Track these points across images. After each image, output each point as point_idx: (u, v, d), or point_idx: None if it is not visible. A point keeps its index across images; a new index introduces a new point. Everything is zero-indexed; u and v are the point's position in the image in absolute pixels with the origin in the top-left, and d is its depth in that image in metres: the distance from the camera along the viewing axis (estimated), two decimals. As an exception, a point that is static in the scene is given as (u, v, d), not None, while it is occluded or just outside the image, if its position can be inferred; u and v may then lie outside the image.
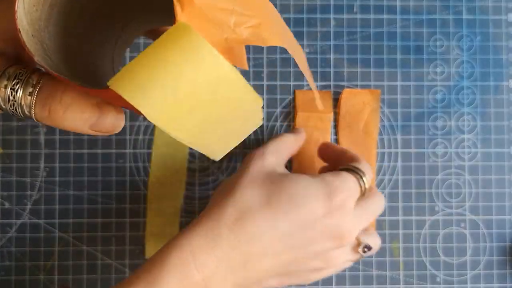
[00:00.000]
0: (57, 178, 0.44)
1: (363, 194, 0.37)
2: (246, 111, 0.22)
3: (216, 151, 0.24)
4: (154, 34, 0.33)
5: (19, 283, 0.44)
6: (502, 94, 0.46)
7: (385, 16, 0.46)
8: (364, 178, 0.36)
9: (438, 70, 0.46)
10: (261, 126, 0.45)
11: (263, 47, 0.46)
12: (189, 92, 0.19)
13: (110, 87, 0.19)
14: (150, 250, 0.44)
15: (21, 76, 0.23)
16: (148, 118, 0.19)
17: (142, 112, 0.19)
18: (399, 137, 0.46)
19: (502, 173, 0.46)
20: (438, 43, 0.46)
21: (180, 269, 0.31)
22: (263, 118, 0.23)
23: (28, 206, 0.44)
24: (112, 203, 0.45)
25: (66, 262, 0.44)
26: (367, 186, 0.36)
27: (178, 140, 0.20)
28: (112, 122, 0.24)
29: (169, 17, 0.20)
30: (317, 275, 0.36)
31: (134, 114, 0.44)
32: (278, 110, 0.46)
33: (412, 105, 0.46)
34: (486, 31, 0.47)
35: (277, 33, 0.22)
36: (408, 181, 0.46)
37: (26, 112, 0.24)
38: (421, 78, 0.46)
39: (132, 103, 0.18)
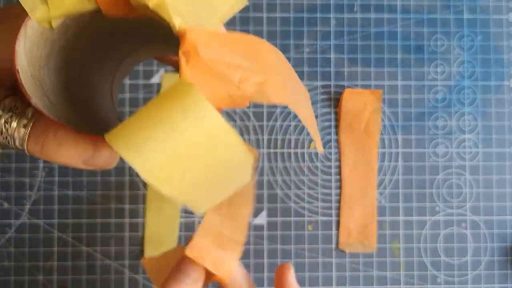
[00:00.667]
0: (56, 178, 0.44)
1: None
2: (238, 170, 0.22)
3: (202, 206, 0.23)
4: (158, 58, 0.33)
5: (18, 283, 0.44)
6: (503, 94, 0.46)
7: (385, 16, 0.46)
8: None
9: (439, 69, 0.46)
10: (261, 126, 0.45)
11: (263, 47, 0.46)
12: (185, 153, 0.19)
13: (106, 140, 0.19)
14: (149, 250, 0.44)
15: (16, 109, 0.23)
16: (140, 175, 0.19)
17: (134, 168, 0.19)
18: (399, 137, 0.46)
19: (503, 173, 0.46)
20: (438, 43, 0.46)
21: None
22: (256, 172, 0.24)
23: (27, 206, 0.44)
24: (111, 203, 0.44)
25: (65, 263, 0.44)
26: None
27: (167, 196, 0.20)
28: (106, 160, 0.23)
29: (171, 47, 0.20)
30: None
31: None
32: (278, 110, 0.46)
33: (412, 105, 0.46)
34: (487, 31, 0.47)
35: (283, 90, 0.22)
36: (408, 181, 0.46)
37: (18, 145, 0.23)
38: (421, 77, 0.46)
39: (125, 159, 0.18)
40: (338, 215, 0.45)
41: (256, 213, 0.45)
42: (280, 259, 0.45)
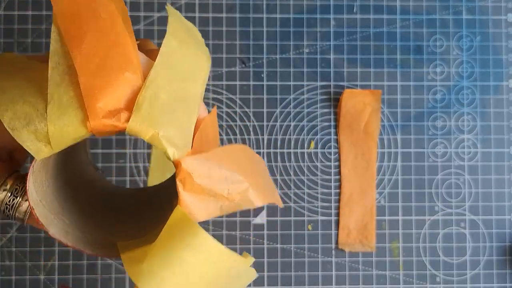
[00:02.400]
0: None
1: None
2: (241, 277, 0.26)
3: None
4: None
5: (19, 282, 0.44)
6: (501, 94, 0.47)
7: (385, 16, 0.46)
8: None
9: (438, 70, 0.46)
10: (262, 126, 0.46)
11: (263, 48, 0.46)
12: (194, 280, 0.23)
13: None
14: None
15: (20, 186, 0.26)
16: None
17: None
18: (399, 137, 0.46)
19: (501, 173, 0.46)
20: (438, 43, 0.47)
21: None
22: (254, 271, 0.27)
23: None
24: (112, 203, 0.45)
25: (66, 262, 0.44)
26: None
27: None
28: None
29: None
30: None
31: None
32: (278, 110, 0.46)
33: (412, 105, 0.46)
34: (486, 31, 0.47)
35: (262, 193, 0.25)
36: (408, 181, 0.46)
37: (19, 216, 0.26)
38: (421, 78, 0.46)
39: None
40: (337, 214, 0.46)
41: (256, 212, 0.45)
42: (280, 258, 0.45)
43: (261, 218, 0.45)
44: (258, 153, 0.46)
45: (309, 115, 0.46)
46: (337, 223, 0.45)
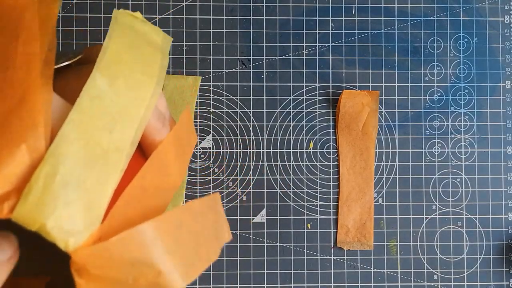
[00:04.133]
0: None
1: None
2: None
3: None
4: None
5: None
6: (498, 95, 0.47)
7: (383, 18, 0.47)
8: None
9: (436, 71, 0.47)
10: (262, 126, 0.46)
11: (263, 49, 0.46)
12: None
13: None
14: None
15: None
16: None
17: None
18: (396, 137, 0.46)
19: (498, 172, 0.46)
20: (435, 45, 0.47)
21: None
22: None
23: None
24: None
25: (69, 260, 0.44)
26: None
27: None
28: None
29: None
30: None
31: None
32: (278, 110, 0.46)
33: (409, 105, 0.47)
34: (483, 33, 0.47)
35: (183, 274, 0.22)
36: (405, 180, 0.46)
37: None
38: (418, 79, 0.47)
39: None
40: (336, 213, 0.46)
41: (256, 211, 0.45)
42: (280, 256, 0.45)
43: (261, 217, 0.45)
44: (258, 153, 0.46)
45: (309, 115, 0.46)
46: (336, 221, 0.46)
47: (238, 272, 0.45)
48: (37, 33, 0.20)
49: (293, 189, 0.46)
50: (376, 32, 0.47)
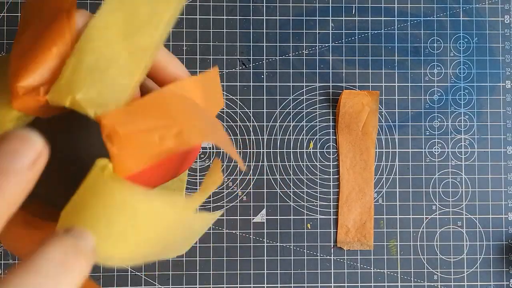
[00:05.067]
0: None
1: None
2: (193, 225, 0.25)
3: (172, 255, 0.26)
4: None
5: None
6: (498, 95, 0.47)
7: (383, 18, 0.47)
8: None
9: (436, 71, 0.47)
10: (262, 126, 0.46)
11: (263, 49, 0.46)
12: (140, 238, 0.22)
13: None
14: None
15: None
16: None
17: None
18: (396, 137, 0.46)
19: (498, 172, 0.46)
20: (435, 45, 0.47)
21: None
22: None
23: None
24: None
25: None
26: None
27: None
28: None
29: None
30: None
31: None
32: (278, 110, 0.46)
33: (409, 105, 0.47)
34: (483, 33, 0.47)
35: (198, 131, 0.24)
36: (405, 180, 0.46)
37: None
38: (418, 79, 0.47)
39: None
40: (336, 213, 0.46)
41: (256, 211, 0.45)
42: (280, 256, 0.45)
43: (261, 217, 0.45)
44: (258, 153, 0.46)
45: (309, 115, 0.46)
46: (336, 221, 0.46)
47: (238, 272, 0.45)
48: None
49: (293, 189, 0.46)
50: (376, 32, 0.47)
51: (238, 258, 0.45)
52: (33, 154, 0.18)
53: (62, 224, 0.21)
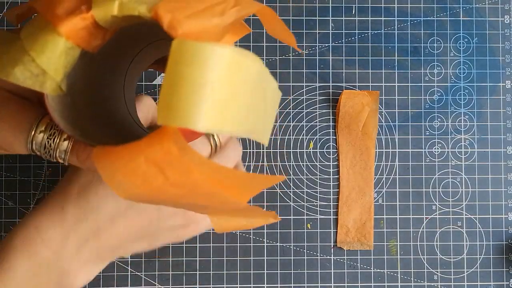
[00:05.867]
0: (60, 178, 0.45)
1: (215, 150, 0.35)
2: (268, 88, 0.24)
3: (264, 135, 0.25)
4: (159, 65, 0.34)
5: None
6: (498, 95, 0.47)
7: (383, 18, 0.47)
8: (214, 136, 0.35)
9: (436, 71, 0.47)
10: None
11: (263, 49, 0.46)
12: (224, 92, 0.20)
13: (162, 125, 0.20)
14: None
15: (56, 126, 0.25)
16: (203, 131, 0.20)
17: (198, 129, 0.20)
18: (396, 137, 0.46)
19: (498, 172, 0.46)
20: (435, 45, 0.47)
21: (26, 247, 0.30)
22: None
23: (32, 206, 0.45)
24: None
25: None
26: (218, 143, 0.35)
27: (230, 133, 0.21)
28: None
29: (167, 46, 0.22)
30: (185, 232, 0.35)
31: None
32: (278, 110, 0.46)
33: (409, 105, 0.47)
34: (483, 33, 0.47)
35: None
36: (405, 180, 0.46)
37: (59, 156, 0.26)
38: (418, 79, 0.47)
39: (189, 126, 0.19)
40: (336, 213, 0.46)
41: (256, 211, 0.45)
42: (280, 256, 0.45)
43: (261, 217, 0.45)
44: (258, 153, 0.46)
45: (309, 115, 0.46)
46: (336, 222, 0.46)
47: (238, 272, 0.45)
48: None
49: (293, 189, 0.46)
50: (376, 32, 0.47)
51: (238, 258, 0.45)
52: None
53: (162, 109, 0.20)
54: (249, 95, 0.22)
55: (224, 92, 0.20)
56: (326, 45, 0.47)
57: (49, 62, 0.22)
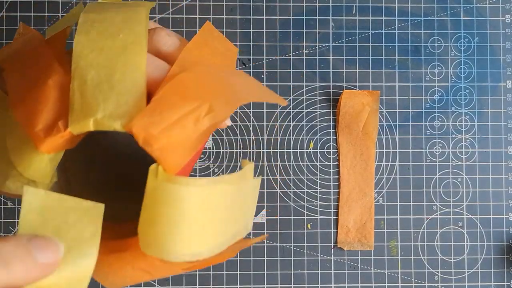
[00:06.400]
0: (60, 178, 0.45)
1: None
2: (248, 193, 0.25)
3: (245, 230, 0.26)
4: None
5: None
6: (499, 95, 0.47)
7: (383, 18, 0.47)
8: None
9: (436, 71, 0.47)
10: (262, 126, 0.46)
11: (263, 49, 0.46)
12: (200, 221, 0.22)
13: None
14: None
15: None
16: (181, 261, 0.22)
17: (176, 261, 0.22)
18: (397, 137, 0.46)
19: (499, 172, 0.46)
20: (436, 44, 0.47)
21: None
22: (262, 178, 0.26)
23: (31, 205, 0.45)
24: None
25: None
26: None
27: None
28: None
29: None
30: None
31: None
32: (278, 110, 0.46)
33: (410, 105, 0.47)
34: (484, 32, 0.47)
35: (228, 100, 0.23)
36: (406, 180, 0.46)
37: None
38: (419, 79, 0.47)
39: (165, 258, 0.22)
40: (336, 213, 0.46)
41: (256, 211, 0.45)
42: (280, 257, 0.45)
43: (261, 217, 0.45)
44: (258, 153, 0.46)
45: (309, 115, 0.46)
46: (336, 222, 0.46)
47: (238, 272, 0.45)
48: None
49: (293, 189, 0.46)
50: (376, 31, 0.47)
51: (238, 258, 0.45)
52: (53, 257, 0.20)
53: (142, 239, 0.22)
54: (227, 212, 0.23)
55: (199, 222, 0.22)
56: (327, 44, 0.47)
57: (36, 173, 0.23)
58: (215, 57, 0.26)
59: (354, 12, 0.47)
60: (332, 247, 0.46)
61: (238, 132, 0.46)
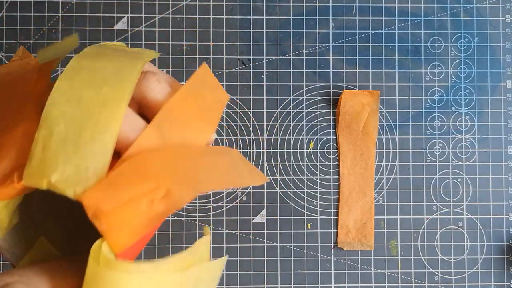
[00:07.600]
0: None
1: None
2: (209, 273, 0.24)
3: None
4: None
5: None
6: (499, 95, 0.47)
7: (383, 18, 0.47)
8: None
9: (436, 71, 0.47)
10: (262, 126, 0.46)
11: (263, 49, 0.46)
12: None
13: None
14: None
15: None
16: None
17: None
18: (397, 137, 0.46)
19: (499, 172, 0.46)
20: (436, 44, 0.47)
21: None
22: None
23: (31, 205, 0.45)
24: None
25: (69, 261, 0.44)
26: None
27: None
28: None
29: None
30: None
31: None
32: (278, 110, 0.46)
33: (410, 105, 0.47)
34: (483, 32, 0.47)
35: (190, 186, 0.22)
36: (406, 180, 0.46)
37: None
38: (419, 79, 0.47)
39: None
40: (336, 214, 0.46)
41: (256, 211, 0.45)
42: (280, 257, 0.45)
43: (261, 217, 0.45)
44: (258, 153, 0.46)
45: (309, 115, 0.46)
46: (336, 222, 0.46)
47: (238, 272, 0.45)
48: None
49: (293, 189, 0.46)
50: (376, 31, 0.47)
51: (238, 258, 0.45)
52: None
53: None
54: None
55: None
56: (327, 44, 0.47)
57: None
58: (199, 113, 0.25)
59: (354, 12, 0.47)
60: (332, 247, 0.46)
61: (238, 132, 0.46)
